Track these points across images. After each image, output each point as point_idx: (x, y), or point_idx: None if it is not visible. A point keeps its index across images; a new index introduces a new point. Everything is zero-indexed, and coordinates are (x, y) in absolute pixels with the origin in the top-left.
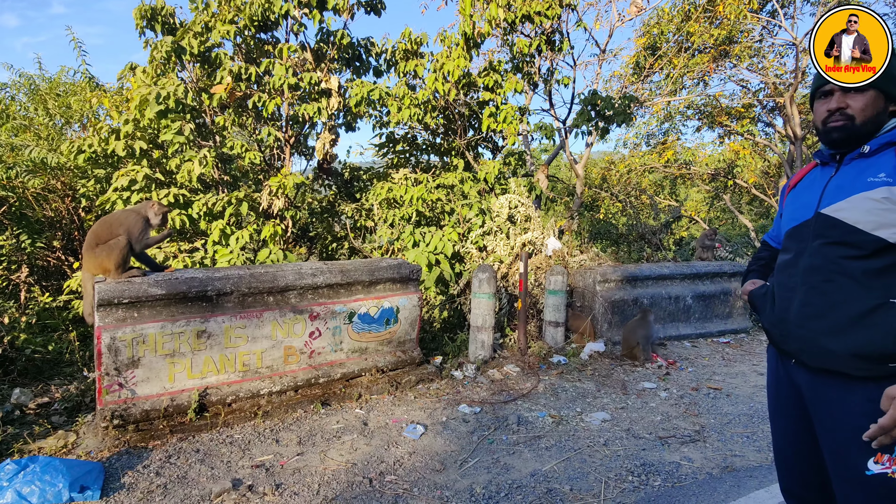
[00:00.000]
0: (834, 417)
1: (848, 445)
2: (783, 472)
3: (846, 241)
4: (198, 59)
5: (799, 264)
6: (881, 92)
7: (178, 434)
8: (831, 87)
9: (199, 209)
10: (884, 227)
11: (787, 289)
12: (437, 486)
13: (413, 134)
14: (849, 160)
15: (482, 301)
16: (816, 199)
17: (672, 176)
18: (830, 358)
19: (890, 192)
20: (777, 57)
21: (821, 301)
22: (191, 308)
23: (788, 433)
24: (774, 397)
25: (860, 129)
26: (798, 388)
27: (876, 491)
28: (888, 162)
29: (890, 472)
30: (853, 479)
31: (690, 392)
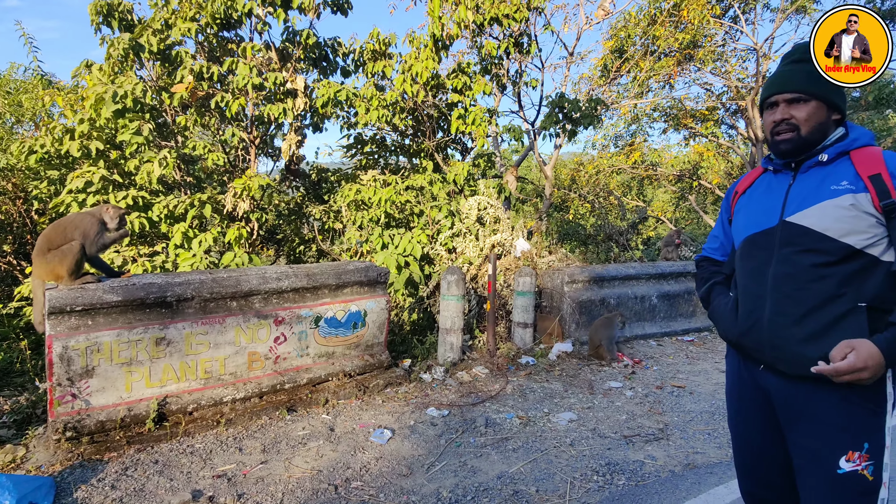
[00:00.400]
0: (807, 419)
1: (821, 445)
2: (744, 474)
3: (816, 249)
4: (157, 57)
5: (768, 273)
6: (823, 102)
7: (135, 445)
8: (776, 98)
9: (159, 212)
10: (852, 234)
11: (755, 297)
12: (403, 490)
13: (382, 135)
14: (806, 168)
15: (451, 303)
16: (779, 207)
17: (639, 177)
18: (807, 364)
19: (855, 199)
20: (739, 61)
21: (794, 309)
22: (149, 315)
23: (752, 437)
24: (737, 401)
25: (806, 139)
26: (764, 392)
27: (847, 489)
28: (847, 170)
29: (860, 470)
30: (825, 477)
31: (655, 390)
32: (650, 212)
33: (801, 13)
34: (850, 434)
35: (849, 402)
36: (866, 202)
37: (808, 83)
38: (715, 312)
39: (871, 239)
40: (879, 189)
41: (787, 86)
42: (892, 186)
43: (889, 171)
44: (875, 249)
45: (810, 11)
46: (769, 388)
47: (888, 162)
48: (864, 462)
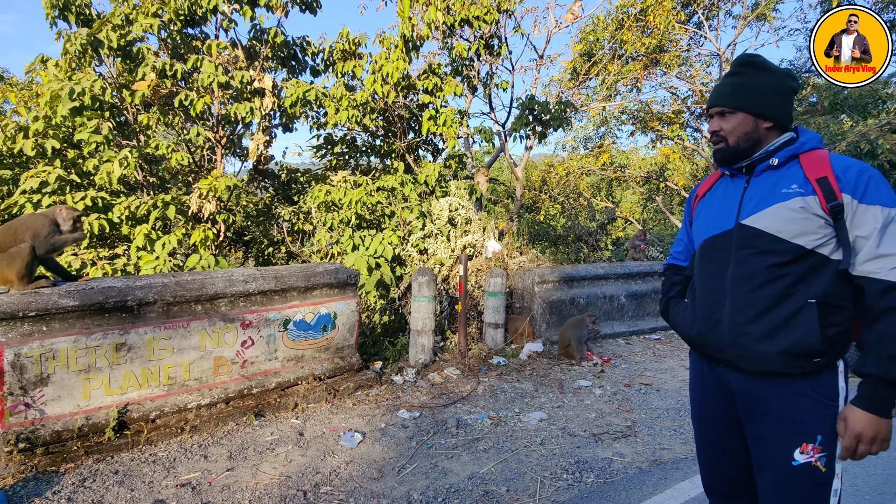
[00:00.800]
0: (764, 413)
1: (777, 438)
2: (706, 469)
3: (770, 250)
4: (118, 53)
5: (726, 274)
6: (748, 114)
7: (94, 455)
8: (711, 111)
9: (120, 213)
10: (802, 236)
11: (713, 299)
12: (374, 494)
13: (352, 136)
14: (759, 172)
15: (422, 304)
16: (735, 210)
17: (608, 178)
18: (765, 360)
19: (805, 202)
20: (703, 66)
21: (751, 308)
22: (108, 320)
23: (713, 433)
24: (700, 399)
25: (734, 149)
26: (727, 390)
27: (802, 480)
28: (797, 174)
29: (814, 461)
30: (781, 469)
31: (623, 388)
32: (619, 213)
33: (762, 20)
34: (803, 426)
35: (802, 396)
36: (815, 204)
37: (732, 97)
38: (674, 321)
39: (821, 239)
40: (826, 191)
41: (717, 100)
42: (837, 189)
43: (835, 173)
44: (825, 249)
45: (769, 19)
46: (730, 385)
47: (834, 165)
48: (818, 454)
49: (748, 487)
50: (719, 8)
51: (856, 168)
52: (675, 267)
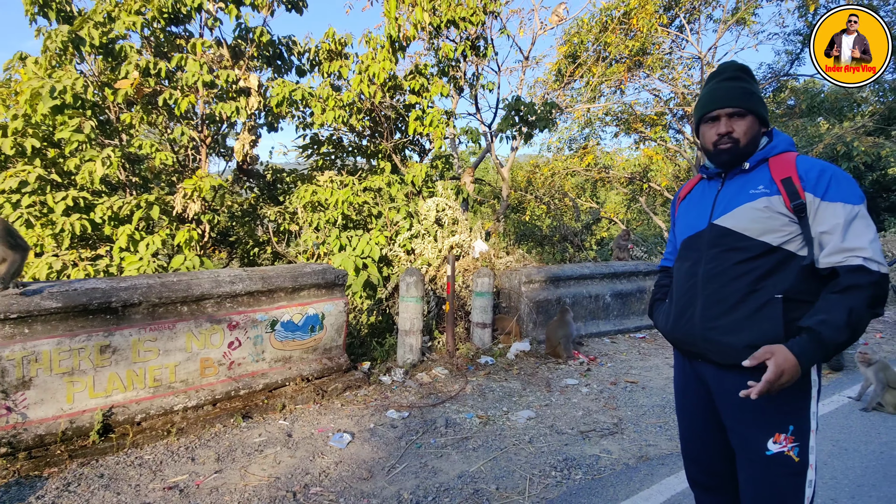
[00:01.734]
0: (737, 405)
1: (750, 428)
2: (690, 463)
3: (737, 247)
4: (100, 51)
5: (698, 272)
6: (755, 117)
7: (78, 459)
8: (718, 112)
9: (102, 213)
10: (768, 233)
11: (688, 296)
12: (364, 494)
13: (339, 136)
14: (732, 175)
15: (410, 304)
16: (708, 211)
17: (593, 179)
18: (734, 353)
19: (769, 201)
20: (685, 69)
21: (720, 303)
22: (92, 321)
23: (696, 427)
24: (682, 394)
25: (743, 150)
26: (705, 383)
27: (775, 469)
28: (764, 176)
29: (786, 451)
30: (756, 459)
31: (609, 386)
32: (603, 213)
33: (741, 25)
34: (775, 417)
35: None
36: (779, 203)
37: (745, 100)
38: (656, 320)
39: (787, 237)
40: (790, 191)
41: (729, 101)
42: (800, 188)
43: (799, 174)
44: (790, 245)
45: (749, 24)
46: (706, 378)
47: (799, 166)
48: (790, 444)
49: (730, 479)
50: (700, 12)
51: (818, 168)
52: (665, 269)
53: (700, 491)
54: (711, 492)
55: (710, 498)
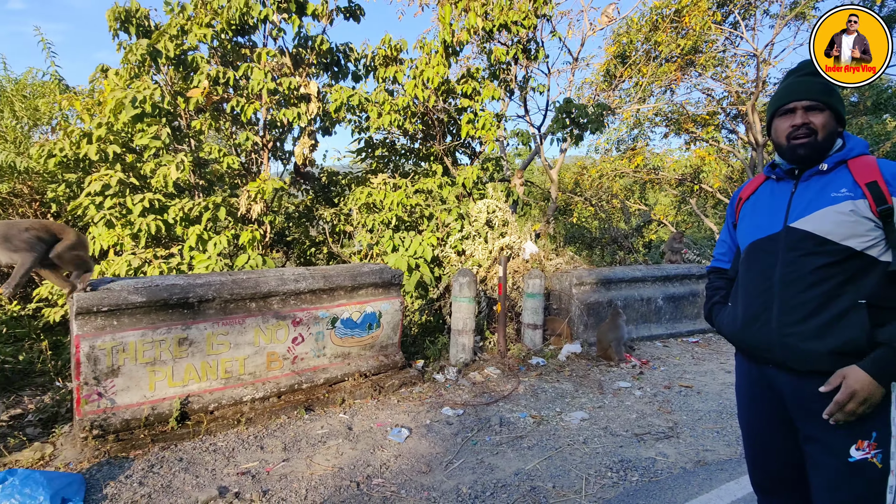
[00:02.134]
0: (817, 412)
1: (832, 436)
2: (755, 467)
3: (819, 252)
4: (173, 62)
5: (773, 276)
6: (833, 113)
7: (159, 443)
8: (794, 105)
9: (175, 214)
10: (852, 238)
11: (761, 300)
12: (423, 487)
13: (392, 139)
14: (807, 176)
15: (463, 305)
16: (783, 213)
17: (641, 181)
18: (815, 359)
19: (854, 205)
20: (739, 67)
21: (800, 309)
22: (172, 315)
23: (765, 435)
24: (748, 399)
25: (822, 144)
26: (775, 390)
27: (858, 476)
28: (846, 178)
29: (870, 457)
30: (838, 466)
31: (663, 390)
32: (652, 215)
33: (801, 19)
34: (858, 424)
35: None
36: (864, 208)
37: (826, 94)
38: (721, 324)
39: (870, 241)
40: (876, 195)
41: (807, 94)
42: (887, 192)
43: (885, 178)
44: (874, 251)
45: (809, 17)
46: (781, 386)
47: (883, 170)
48: (873, 450)
49: (797, 485)
50: (756, 7)
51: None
52: (719, 270)
53: (766, 496)
54: (777, 496)
55: (775, 501)
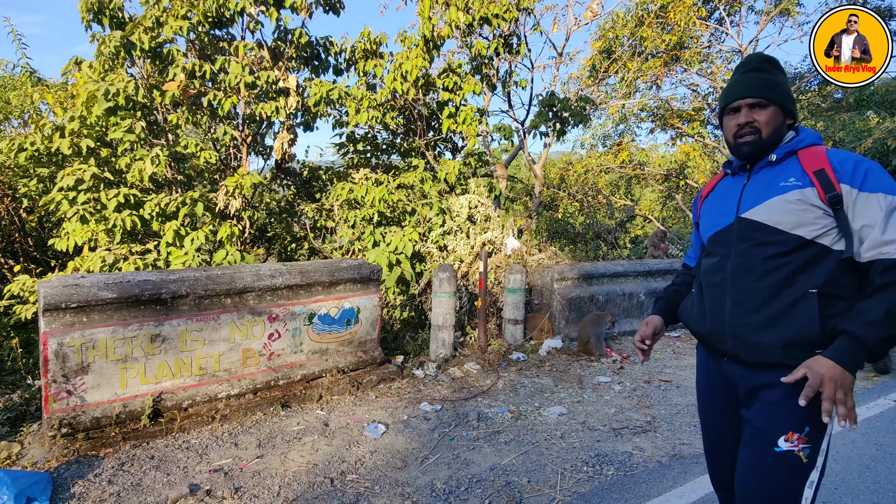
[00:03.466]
0: (760, 401)
1: (765, 423)
2: (714, 464)
3: (769, 241)
4: (148, 54)
5: (727, 267)
6: (779, 108)
7: (131, 441)
8: (739, 103)
9: (151, 210)
10: (801, 226)
11: (717, 291)
12: (398, 483)
13: (373, 134)
14: (758, 169)
15: (443, 300)
16: (735, 205)
17: (627, 176)
18: (765, 351)
19: (802, 194)
20: (724, 63)
21: (751, 299)
22: (144, 312)
23: (723, 430)
24: (706, 394)
25: (766, 141)
26: (729, 382)
27: (780, 466)
28: (794, 168)
29: (796, 450)
30: (762, 453)
31: (643, 385)
32: (638, 210)
33: (785, 16)
34: (794, 416)
35: (800, 386)
36: (813, 195)
37: (767, 90)
38: (682, 316)
39: (821, 230)
40: (824, 183)
41: (749, 92)
42: (835, 180)
43: (832, 165)
44: (825, 239)
45: (793, 14)
46: (734, 379)
47: (831, 158)
48: (802, 444)
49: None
50: (741, 3)
51: (852, 159)
52: (686, 266)
53: (723, 491)
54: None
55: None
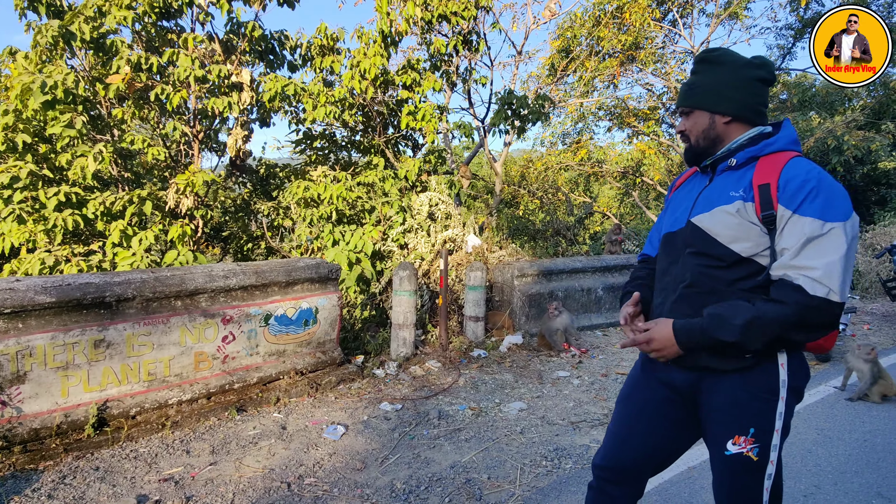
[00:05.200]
0: (708, 406)
1: (714, 429)
2: (618, 449)
3: (708, 252)
4: (90, 45)
5: (672, 272)
6: (702, 110)
7: (73, 452)
8: (678, 113)
9: (95, 209)
10: (738, 241)
11: (662, 296)
12: (357, 484)
13: (332, 131)
14: (720, 171)
15: (403, 298)
16: (690, 208)
17: (586, 174)
18: (698, 358)
19: (742, 207)
20: (678, 63)
21: (687, 307)
22: (86, 316)
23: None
24: (631, 386)
25: (694, 148)
26: (668, 384)
27: (735, 468)
28: (747, 177)
29: (745, 451)
30: (719, 458)
31: (600, 378)
32: (596, 207)
33: (734, 19)
34: (737, 420)
35: (739, 390)
36: (751, 211)
37: (688, 96)
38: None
39: (758, 248)
40: (764, 199)
41: (678, 101)
42: (776, 198)
43: (779, 181)
44: (763, 259)
45: (741, 18)
46: (675, 383)
47: (784, 173)
48: (749, 445)
49: (639, 479)
50: (693, 6)
51: (803, 177)
52: (645, 257)
53: (608, 485)
54: (614, 485)
55: (615, 491)
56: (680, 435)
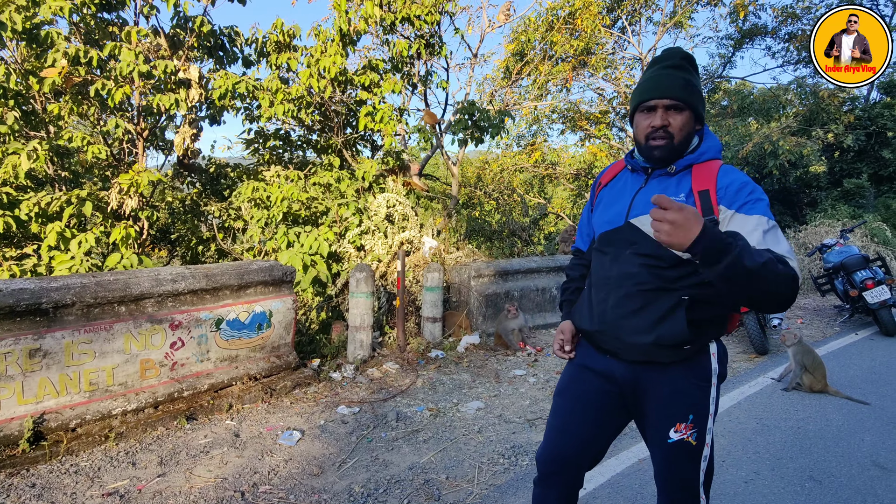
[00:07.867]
0: (649, 398)
1: (656, 419)
2: (558, 439)
3: (650, 253)
4: (23, 36)
5: (613, 270)
6: (693, 112)
7: (6, 469)
8: (655, 103)
9: (28, 210)
10: None
11: (603, 293)
12: (314, 490)
13: (287, 130)
14: (657, 174)
15: (360, 300)
16: (626, 208)
17: (540, 175)
18: (640, 350)
19: None
20: (627, 69)
21: (631, 304)
22: (20, 324)
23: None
24: (567, 380)
25: (677, 147)
26: (609, 377)
27: (678, 454)
28: (686, 184)
29: (685, 437)
30: (661, 446)
31: (555, 376)
32: (550, 208)
33: (679, 28)
34: (677, 408)
35: (678, 380)
36: None
37: (687, 92)
38: (573, 313)
39: None
40: (705, 205)
41: (670, 92)
42: (715, 202)
43: (717, 187)
44: None
45: (686, 27)
46: (614, 374)
47: (720, 179)
48: (689, 431)
49: (578, 474)
50: (641, 14)
51: (738, 183)
52: (579, 252)
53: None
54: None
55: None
56: (611, 421)
